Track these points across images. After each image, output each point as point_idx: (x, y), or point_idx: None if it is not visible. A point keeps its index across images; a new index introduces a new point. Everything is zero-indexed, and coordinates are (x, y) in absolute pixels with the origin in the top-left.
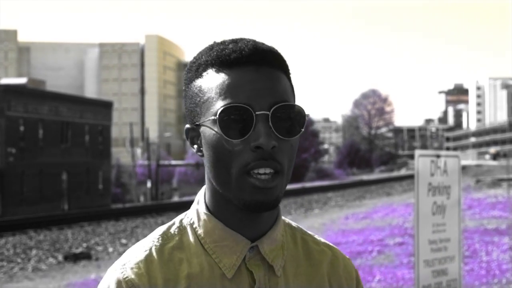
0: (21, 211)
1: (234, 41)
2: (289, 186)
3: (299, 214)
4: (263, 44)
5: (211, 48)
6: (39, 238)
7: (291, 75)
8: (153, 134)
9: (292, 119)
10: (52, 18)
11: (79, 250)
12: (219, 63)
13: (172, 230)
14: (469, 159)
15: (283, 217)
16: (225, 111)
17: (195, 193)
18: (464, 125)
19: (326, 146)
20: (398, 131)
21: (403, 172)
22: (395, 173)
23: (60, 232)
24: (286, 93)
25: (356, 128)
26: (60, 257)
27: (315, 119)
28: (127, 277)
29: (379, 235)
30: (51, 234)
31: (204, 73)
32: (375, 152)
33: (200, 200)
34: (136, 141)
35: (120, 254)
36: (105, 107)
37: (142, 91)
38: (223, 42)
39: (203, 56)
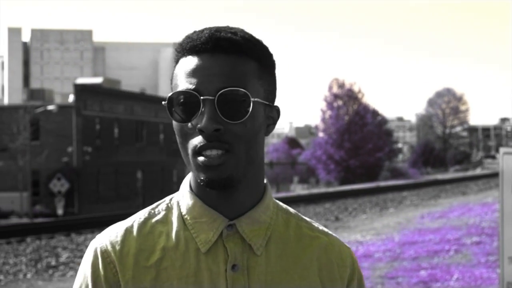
0: (97, 209)
1: (202, 30)
2: (363, 185)
3: (374, 213)
4: (224, 32)
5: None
6: None
7: (266, 61)
8: None
9: (238, 103)
10: (127, 18)
11: None
12: (182, 50)
13: (160, 207)
14: None
15: (280, 203)
16: (174, 96)
17: None
18: None
19: (400, 145)
20: (473, 130)
21: (478, 171)
22: (470, 173)
23: None
24: (238, 78)
25: (430, 127)
26: None
27: (389, 118)
28: (101, 244)
29: (456, 234)
30: None
31: (178, 60)
32: (449, 151)
33: (186, 180)
34: None
35: None
36: None
37: None
38: (195, 31)
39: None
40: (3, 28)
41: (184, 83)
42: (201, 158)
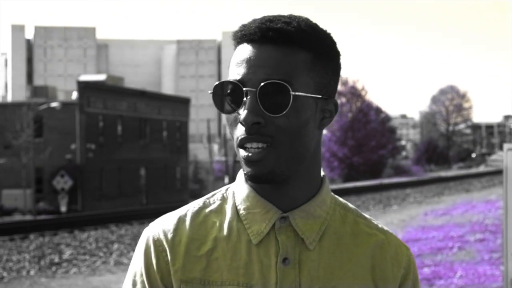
0: (100, 206)
1: (257, 19)
2: (367, 182)
3: (378, 210)
4: (275, 22)
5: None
6: (121, 232)
7: (322, 53)
8: None
9: (279, 95)
10: (130, 16)
11: None
12: (235, 39)
13: (215, 197)
14: None
15: (340, 198)
16: (218, 86)
17: None
18: None
19: (403, 142)
20: (476, 127)
21: (481, 168)
22: (473, 170)
23: (141, 226)
24: (283, 70)
25: (433, 124)
26: None
27: (392, 115)
28: (153, 232)
29: (459, 232)
30: (132, 229)
31: (234, 48)
32: (453, 149)
33: (242, 171)
34: (213, 137)
35: None
36: (182, 103)
37: None
38: (253, 19)
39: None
40: (6, 26)
41: (232, 73)
42: (242, 152)
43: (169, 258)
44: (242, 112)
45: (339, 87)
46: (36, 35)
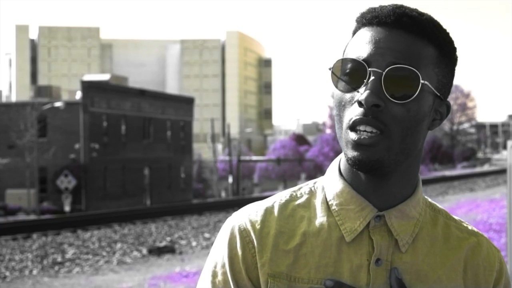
0: (104, 205)
1: (385, 5)
2: None
3: None
4: (409, 10)
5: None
6: (124, 232)
7: (447, 52)
8: (234, 130)
9: (406, 82)
10: (134, 15)
11: (163, 243)
12: (361, 21)
13: (302, 190)
14: None
15: (429, 199)
16: (339, 63)
17: (276, 188)
18: None
19: None
20: (480, 126)
21: (486, 168)
22: (478, 169)
23: (144, 226)
24: (413, 58)
25: None
26: (145, 251)
27: None
28: (240, 222)
29: None
30: (135, 228)
31: (355, 31)
32: (457, 148)
33: (334, 163)
34: (217, 136)
35: (203, 248)
36: (186, 103)
37: (223, 87)
38: (381, 5)
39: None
40: (10, 26)
41: (355, 52)
42: (353, 135)
43: (256, 250)
44: (364, 92)
45: None
46: (40, 35)
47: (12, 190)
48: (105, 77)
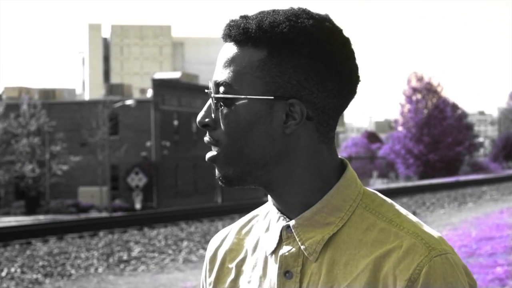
0: (175, 203)
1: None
2: (443, 180)
3: (453, 208)
4: (244, 18)
5: None
6: (190, 230)
7: (283, 50)
8: None
9: (217, 98)
10: (205, 13)
11: None
12: None
13: (268, 202)
14: None
15: (377, 199)
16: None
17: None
18: None
19: (481, 139)
20: None
21: None
22: None
23: (211, 224)
24: (228, 70)
25: (511, 120)
26: None
27: (469, 112)
28: (210, 244)
29: None
30: (202, 226)
31: None
32: None
33: None
34: None
35: None
36: None
37: None
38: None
39: None
40: (83, 25)
41: None
42: None
43: (207, 269)
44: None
45: (415, 83)
46: (113, 34)
47: (84, 187)
48: (176, 75)
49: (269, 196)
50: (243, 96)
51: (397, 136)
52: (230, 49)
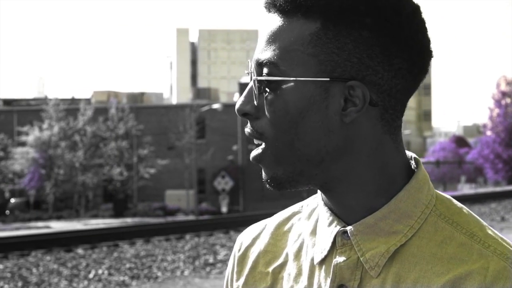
0: (262, 207)
1: None
2: None
3: None
4: None
5: None
6: None
7: (342, 20)
8: None
9: (261, 81)
10: None
11: None
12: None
13: (310, 200)
14: None
15: (455, 207)
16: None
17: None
18: None
19: None
20: None
21: None
22: None
23: None
24: (273, 47)
25: None
26: None
27: None
28: (238, 241)
29: None
30: None
31: None
32: None
33: None
34: None
35: None
36: None
37: None
38: None
39: None
40: (171, 29)
41: None
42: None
43: (235, 272)
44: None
45: (504, 87)
46: (200, 38)
47: (171, 190)
48: None
49: (318, 192)
50: (292, 78)
51: (485, 141)
52: (275, 21)
